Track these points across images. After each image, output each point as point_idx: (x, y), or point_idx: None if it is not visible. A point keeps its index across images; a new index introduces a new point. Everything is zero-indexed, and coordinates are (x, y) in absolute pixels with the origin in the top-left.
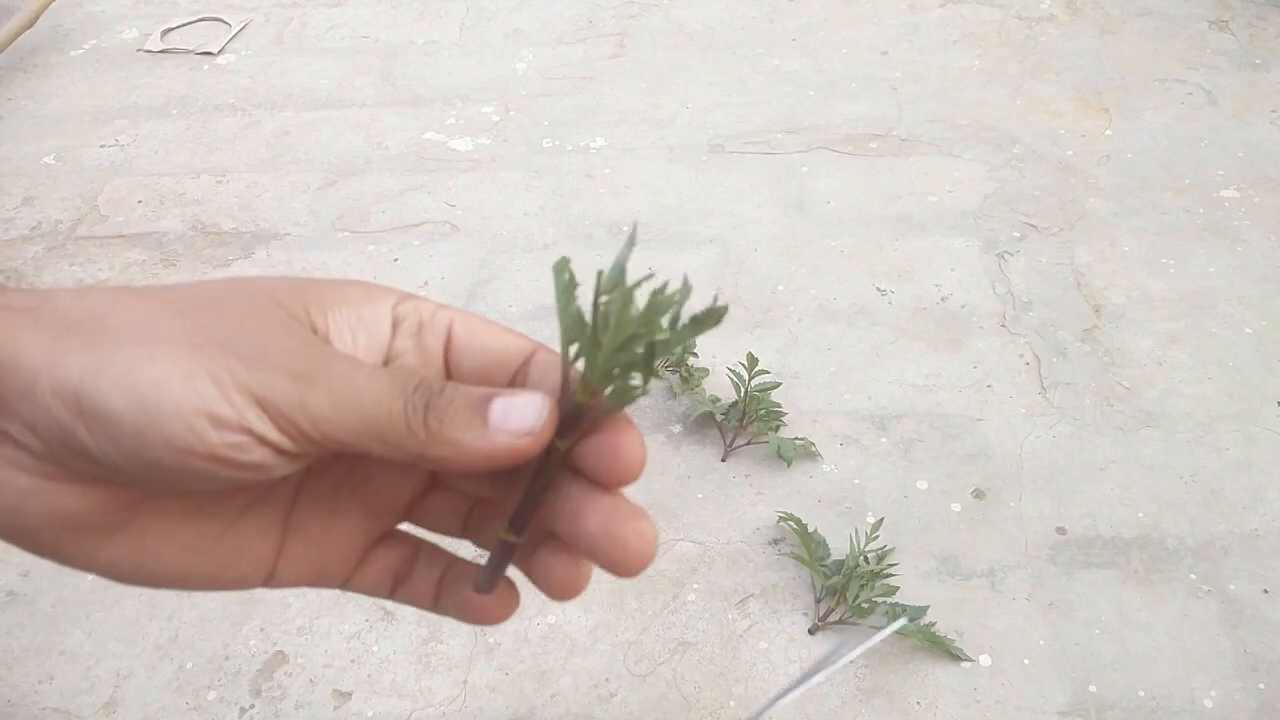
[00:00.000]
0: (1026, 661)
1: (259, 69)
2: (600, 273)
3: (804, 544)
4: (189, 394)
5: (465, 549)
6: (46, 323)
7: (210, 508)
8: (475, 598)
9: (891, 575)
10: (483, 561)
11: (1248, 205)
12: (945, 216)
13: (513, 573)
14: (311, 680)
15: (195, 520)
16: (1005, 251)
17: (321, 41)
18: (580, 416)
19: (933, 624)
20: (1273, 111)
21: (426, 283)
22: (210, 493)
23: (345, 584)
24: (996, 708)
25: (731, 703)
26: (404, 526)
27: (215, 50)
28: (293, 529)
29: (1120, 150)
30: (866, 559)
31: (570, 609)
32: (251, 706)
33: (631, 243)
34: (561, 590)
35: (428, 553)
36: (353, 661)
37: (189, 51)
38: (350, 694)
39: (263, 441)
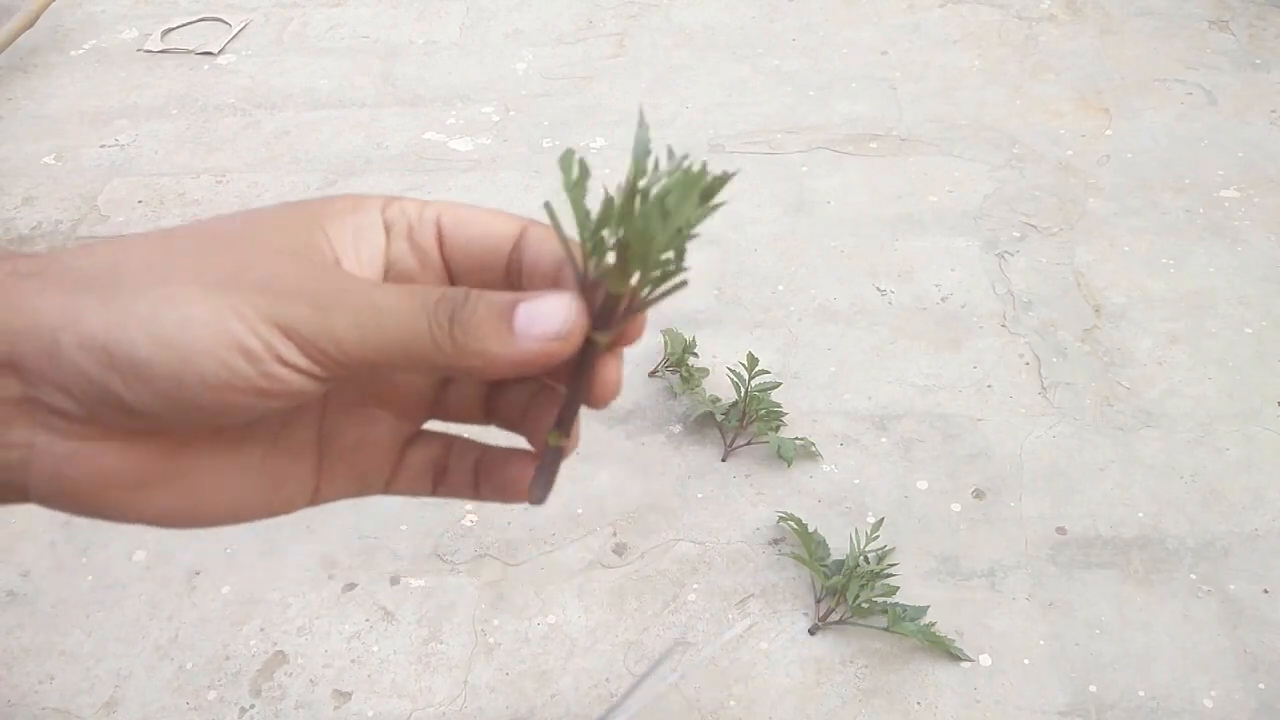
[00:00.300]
0: (1026, 661)
1: (259, 69)
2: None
3: (804, 544)
4: (217, 332)
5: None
6: (58, 282)
7: (247, 439)
8: (516, 481)
9: (891, 575)
10: (507, 442)
11: (1248, 205)
12: (945, 216)
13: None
14: (311, 680)
15: (236, 454)
16: (1005, 251)
17: (321, 41)
18: (614, 307)
19: (933, 624)
20: (1273, 111)
21: None
22: (246, 424)
23: (387, 487)
24: (996, 708)
25: (731, 702)
26: (431, 426)
27: (215, 50)
28: (327, 443)
29: (1120, 150)
30: (866, 559)
31: (570, 609)
32: (251, 706)
33: (644, 123)
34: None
35: (459, 446)
36: (353, 661)
37: (189, 51)
38: (350, 694)
39: (296, 369)
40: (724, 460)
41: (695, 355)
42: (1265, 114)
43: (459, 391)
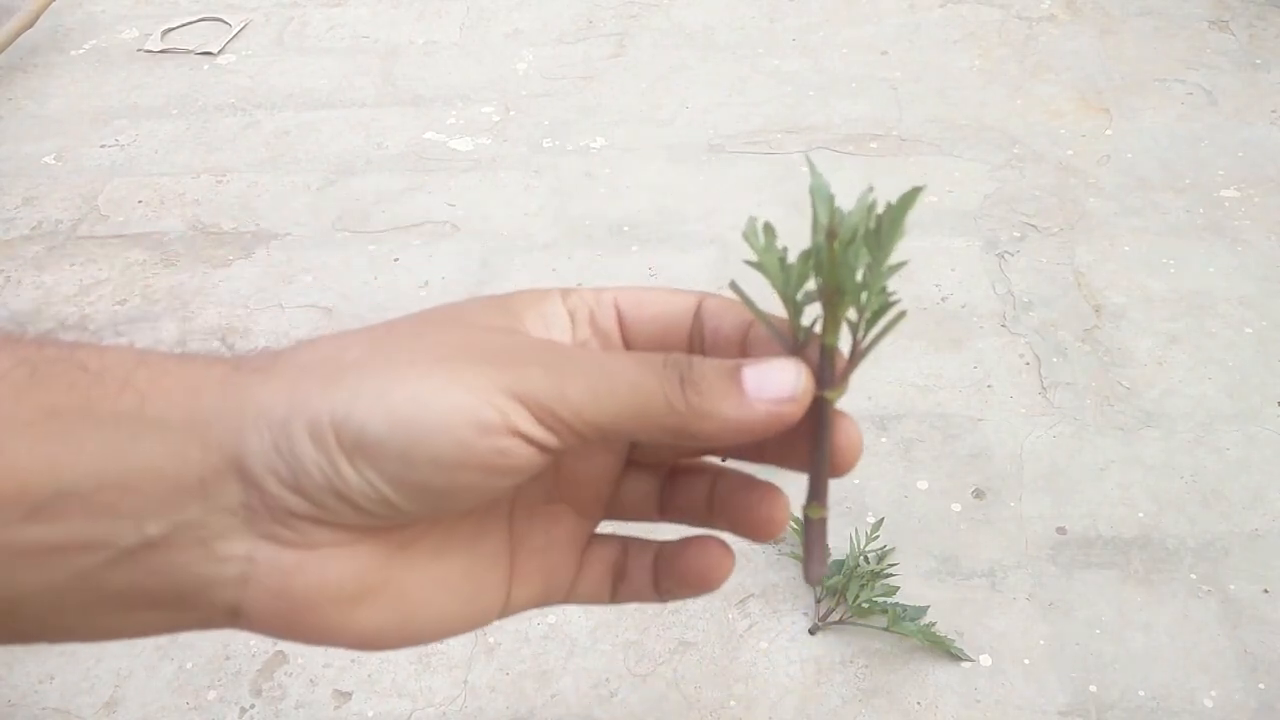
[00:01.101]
0: (1027, 661)
1: (259, 69)
2: (819, 217)
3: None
4: (450, 406)
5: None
6: (282, 374)
7: (451, 546)
8: (705, 570)
9: (891, 575)
10: (676, 534)
11: (1248, 205)
12: (945, 216)
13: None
14: (312, 680)
15: (441, 562)
16: (1005, 251)
17: (321, 41)
18: (833, 362)
19: (933, 624)
20: (1273, 111)
21: (427, 282)
22: (455, 517)
23: (569, 595)
24: (996, 708)
25: (732, 702)
26: (606, 528)
27: (215, 50)
28: (517, 546)
29: (1120, 150)
30: (866, 559)
31: (570, 609)
32: (252, 706)
33: (817, 171)
34: (769, 527)
35: (636, 546)
36: (353, 661)
37: (189, 51)
38: (350, 694)
39: (529, 441)
40: (723, 461)
41: None
42: (1265, 114)
43: (635, 487)
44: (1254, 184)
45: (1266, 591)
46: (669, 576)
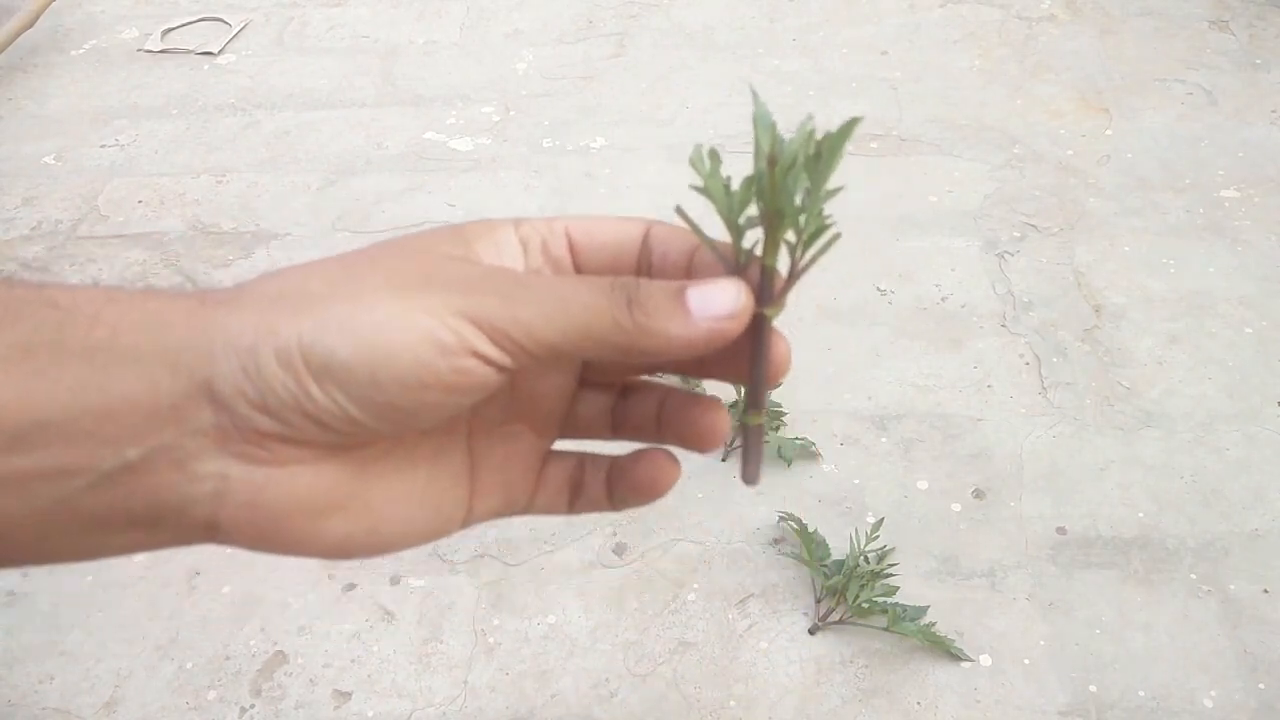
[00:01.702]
0: (1027, 661)
1: (259, 69)
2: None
3: (804, 544)
4: (412, 329)
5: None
6: (249, 304)
7: (415, 460)
8: (654, 479)
9: (892, 575)
10: (627, 449)
11: (1248, 205)
12: (945, 216)
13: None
14: (311, 680)
15: (406, 476)
16: (1005, 251)
17: (321, 41)
18: (772, 282)
19: (933, 624)
20: (1273, 111)
21: None
22: (419, 433)
23: (529, 507)
24: (996, 708)
25: (732, 702)
26: (561, 446)
27: (215, 50)
28: (478, 463)
29: (1120, 150)
30: (867, 559)
31: (570, 609)
32: (252, 706)
33: (759, 99)
34: (713, 436)
35: (591, 460)
36: (353, 661)
37: (189, 51)
38: (350, 694)
39: (486, 360)
40: (724, 460)
41: None
42: (1265, 114)
43: (588, 407)
44: (1254, 184)
45: (1266, 591)
46: (621, 486)
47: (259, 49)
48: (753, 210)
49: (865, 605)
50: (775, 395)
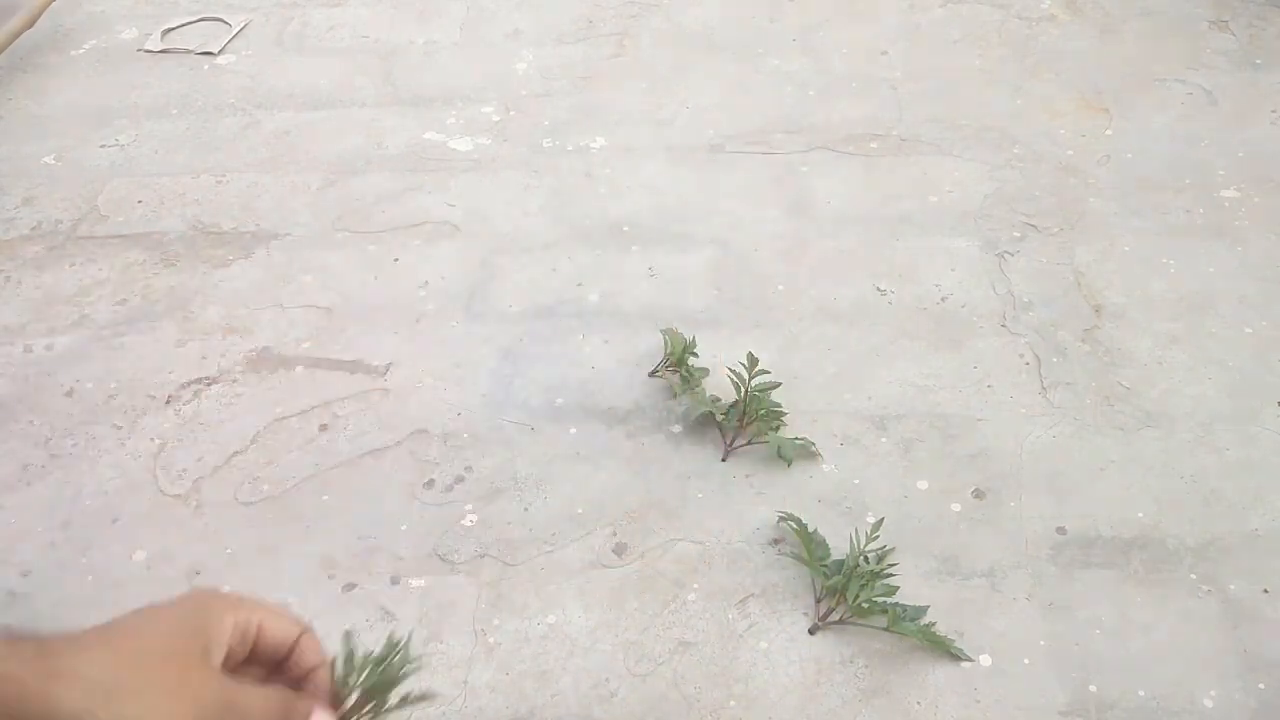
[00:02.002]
0: (1026, 661)
1: (259, 69)
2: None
3: (804, 544)
4: None
5: None
6: (71, 683)
7: None
8: None
9: (891, 575)
10: None
11: (1248, 205)
12: (945, 216)
13: None
14: None
15: None
16: (1005, 251)
17: (321, 41)
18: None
19: (933, 624)
20: (1273, 111)
21: (427, 283)
22: None
23: None
24: (996, 708)
25: (731, 702)
26: None
27: (215, 50)
28: None
29: (1120, 150)
30: (867, 559)
31: (570, 609)
32: None
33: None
34: None
35: None
36: None
37: (189, 51)
38: None
39: None
40: (724, 460)
41: (695, 355)
42: (1265, 114)
43: None
44: (1254, 184)
45: (1266, 591)
46: None
47: (259, 49)
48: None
49: (865, 605)
50: (776, 395)
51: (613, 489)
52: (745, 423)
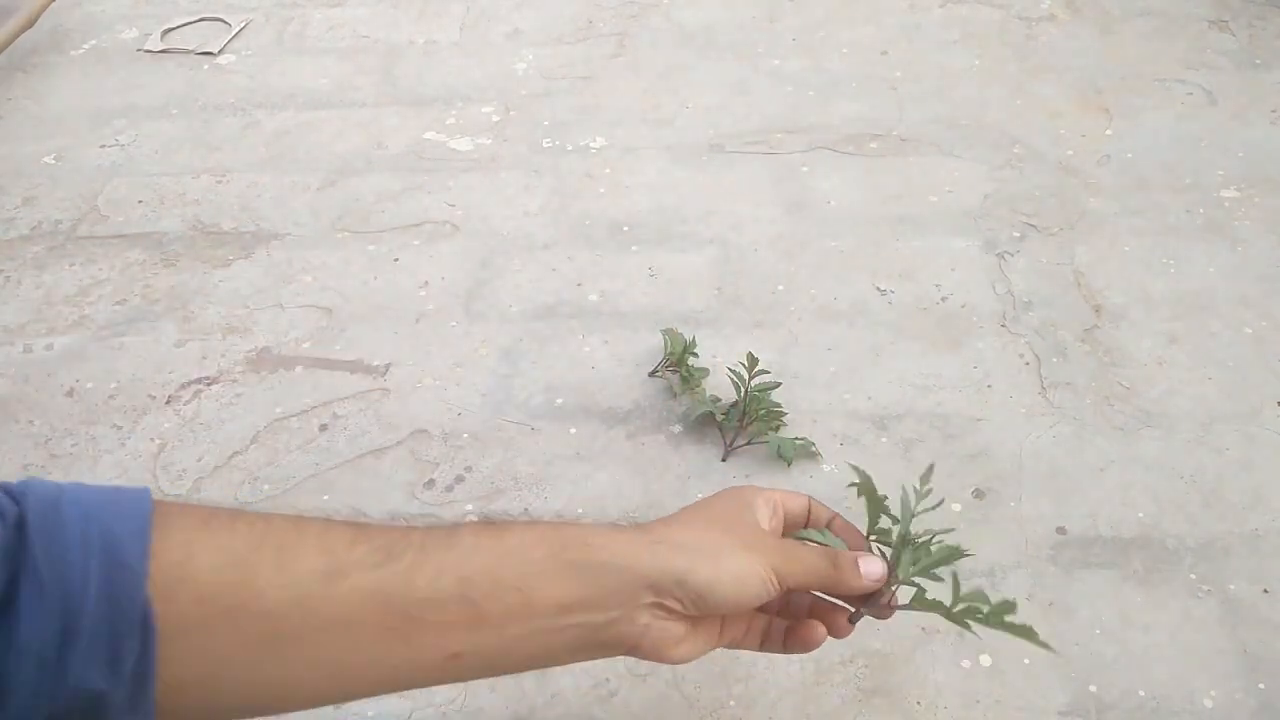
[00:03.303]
0: (1026, 661)
1: (259, 69)
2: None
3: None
4: (753, 575)
5: None
6: (672, 548)
7: (710, 621)
8: (806, 635)
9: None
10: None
11: (1248, 205)
12: (945, 216)
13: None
14: None
15: (706, 629)
16: (1005, 251)
17: (321, 41)
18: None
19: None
20: (1273, 111)
21: (427, 283)
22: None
23: (739, 644)
24: (996, 708)
25: (732, 702)
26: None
27: (215, 50)
28: (725, 623)
29: (1120, 150)
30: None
31: None
32: None
33: (927, 477)
34: (814, 640)
35: (776, 622)
36: None
37: (189, 51)
38: None
39: (775, 589)
40: (724, 460)
41: (695, 355)
42: (1265, 114)
43: (759, 625)
44: (1254, 184)
45: (1266, 591)
46: (791, 639)
47: (259, 49)
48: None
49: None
50: (776, 395)
51: (613, 489)
52: (745, 423)
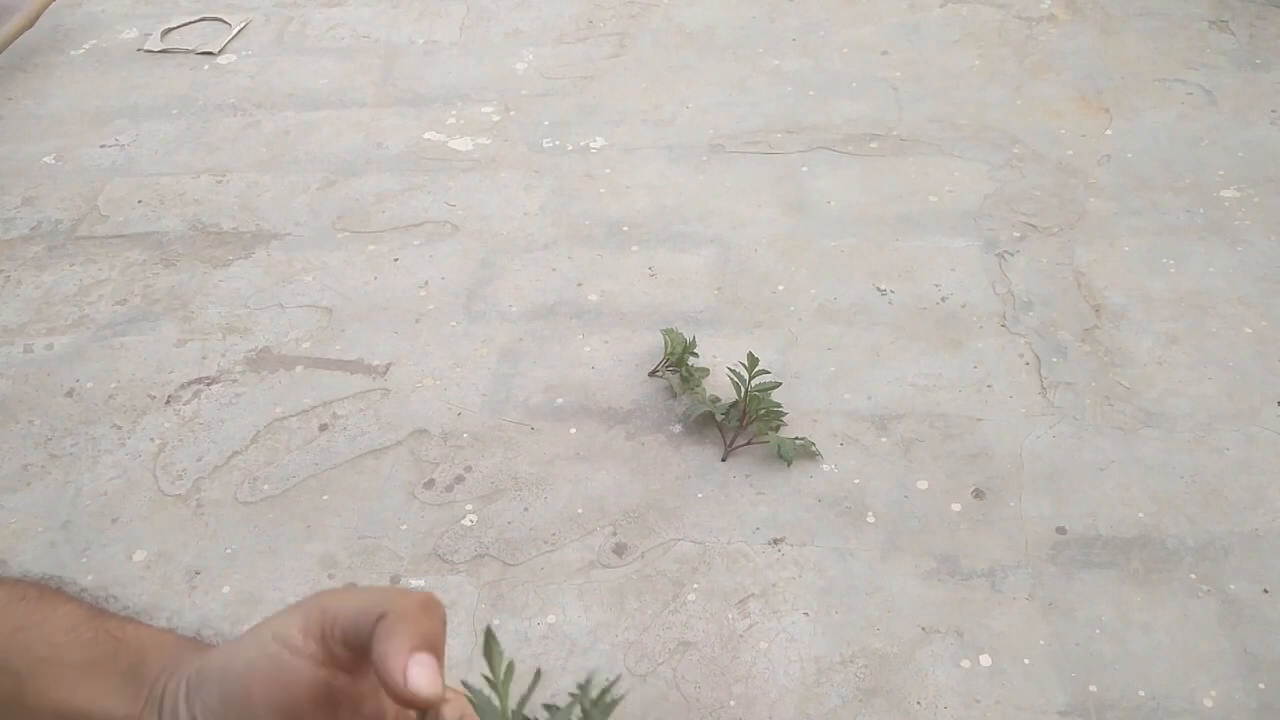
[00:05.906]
0: (1027, 661)
1: (259, 69)
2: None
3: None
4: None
5: None
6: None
7: None
8: None
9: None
10: None
11: (1248, 205)
12: (945, 216)
13: None
14: None
15: None
16: (1005, 251)
17: (321, 41)
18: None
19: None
20: (1273, 111)
21: (427, 282)
22: None
23: None
24: (996, 708)
25: (732, 702)
26: None
27: (215, 50)
28: None
29: (1120, 150)
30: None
31: (570, 609)
32: None
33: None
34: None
35: None
36: None
37: (189, 51)
38: None
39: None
40: (724, 460)
41: (695, 355)
42: (1265, 114)
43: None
44: (1254, 184)
45: (1266, 591)
46: None
47: (259, 49)
48: None
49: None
50: (776, 395)
51: (613, 489)
52: (745, 423)
